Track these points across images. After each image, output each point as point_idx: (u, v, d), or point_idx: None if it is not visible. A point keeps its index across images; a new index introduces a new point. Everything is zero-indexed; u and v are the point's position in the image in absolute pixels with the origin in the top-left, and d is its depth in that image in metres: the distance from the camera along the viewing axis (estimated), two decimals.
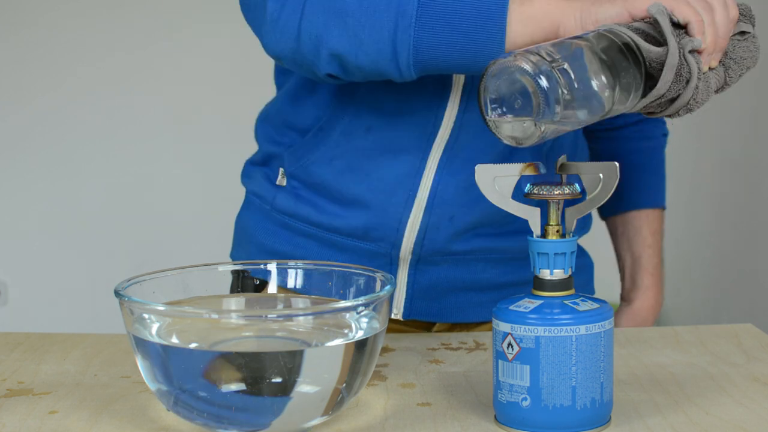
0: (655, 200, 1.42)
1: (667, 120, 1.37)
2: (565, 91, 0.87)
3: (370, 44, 1.05)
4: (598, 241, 1.46)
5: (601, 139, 1.42)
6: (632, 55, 0.93)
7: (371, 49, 1.05)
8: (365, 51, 1.06)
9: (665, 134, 1.44)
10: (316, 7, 1.07)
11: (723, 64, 0.99)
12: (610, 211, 1.44)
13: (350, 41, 1.06)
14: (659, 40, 0.94)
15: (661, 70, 0.93)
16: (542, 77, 0.86)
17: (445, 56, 1.04)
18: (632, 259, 1.42)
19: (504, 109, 0.90)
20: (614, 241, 1.45)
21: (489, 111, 0.90)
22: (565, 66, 0.88)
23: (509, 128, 0.90)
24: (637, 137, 1.42)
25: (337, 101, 1.22)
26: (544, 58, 0.87)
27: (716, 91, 0.99)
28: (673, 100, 0.96)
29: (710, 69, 0.98)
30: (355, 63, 1.07)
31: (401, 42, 1.04)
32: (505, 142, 0.91)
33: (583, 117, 0.90)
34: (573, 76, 0.88)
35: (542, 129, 0.88)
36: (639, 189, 1.42)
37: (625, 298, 1.44)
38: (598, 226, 1.40)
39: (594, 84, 0.90)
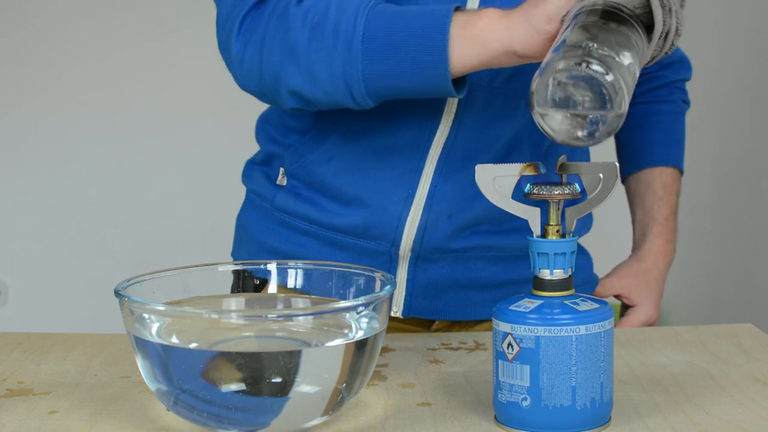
0: (668, 158, 1.42)
1: None
2: (616, 73, 0.86)
3: (323, 80, 1.07)
4: (598, 241, 1.46)
5: None
6: (619, 16, 0.92)
7: (325, 84, 1.07)
8: (320, 87, 1.08)
9: (685, 101, 1.45)
10: (272, 47, 1.10)
11: None
12: (626, 171, 1.44)
13: (304, 78, 1.08)
14: None
15: (648, 13, 0.93)
16: (601, 69, 0.85)
17: (396, 85, 1.06)
18: (643, 212, 1.42)
19: (567, 112, 0.88)
20: (629, 200, 1.45)
21: (546, 118, 0.89)
22: (601, 49, 0.87)
23: (573, 129, 0.89)
24: (655, 100, 1.43)
25: None
26: (586, 49, 0.86)
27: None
28: (664, 37, 0.96)
29: None
30: (313, 97, 1.09)
31: (351, 76, 1.06)
32: (574, 145, 0.89)
33: (632, 83, 0.88)
34: (607, 53, 0.87)
35: (608, 117, 0.87)
36: (652, 148, 1.42)
37: (634, 248, 1.43)
38: (598, 225, 1.39)
39: (623, 53, 0.89)
